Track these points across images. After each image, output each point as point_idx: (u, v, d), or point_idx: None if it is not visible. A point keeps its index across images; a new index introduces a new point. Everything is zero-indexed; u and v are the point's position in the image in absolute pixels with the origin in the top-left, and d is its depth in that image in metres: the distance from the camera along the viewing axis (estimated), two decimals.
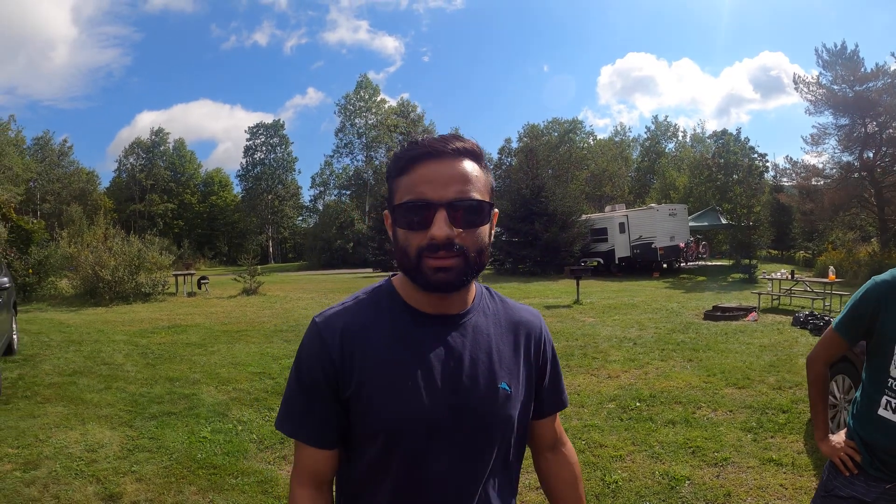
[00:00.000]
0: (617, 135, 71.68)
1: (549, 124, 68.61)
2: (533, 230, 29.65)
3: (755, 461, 4.94)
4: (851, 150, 28.20)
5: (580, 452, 5.20)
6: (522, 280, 24.89)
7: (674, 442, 5.41)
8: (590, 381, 7.64)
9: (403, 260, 1.23)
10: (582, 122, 70.46)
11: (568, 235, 29.68)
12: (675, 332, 11.05)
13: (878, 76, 27.34)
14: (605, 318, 13.11)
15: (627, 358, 8.87)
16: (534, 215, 30.24)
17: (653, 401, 6.68)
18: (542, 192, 31.20)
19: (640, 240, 28.14)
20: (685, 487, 4.51)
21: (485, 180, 1.25)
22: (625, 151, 68.12)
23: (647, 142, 69.74)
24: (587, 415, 6.29)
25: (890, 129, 27.19)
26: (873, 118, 27.21)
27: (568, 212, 31.01)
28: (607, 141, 69.05)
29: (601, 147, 66.72)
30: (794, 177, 32.04)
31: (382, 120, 67.91)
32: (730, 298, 16.63)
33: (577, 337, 10.68)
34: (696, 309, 14.28)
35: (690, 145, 66.19)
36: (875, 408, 2.12)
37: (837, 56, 28.46)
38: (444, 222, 1.16)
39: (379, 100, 69.49)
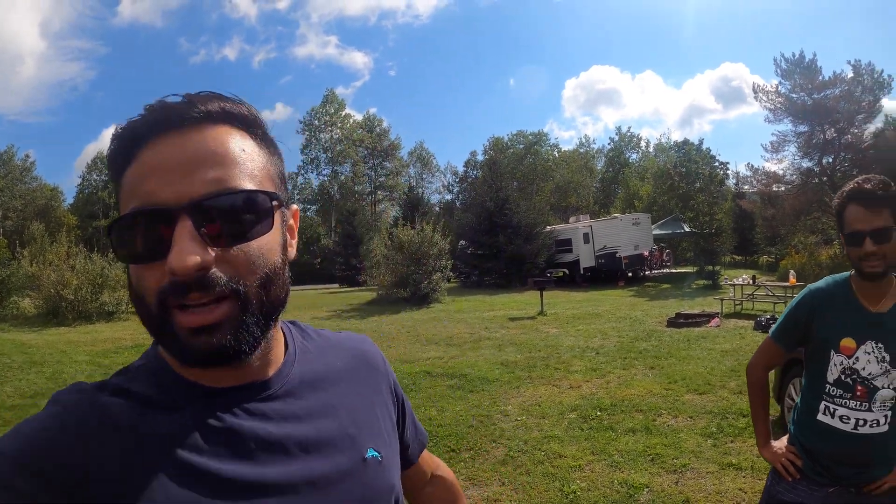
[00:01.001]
0: (582, 146, 72.32)
1: (513, 137, 69.13)
2: (497, 242, 29.68)
3: (714, 466, 4.94)
4: (811, 156, 29.00)
5: (539, 464, 5.16)
6: (488, 293, 24.86)
7: (633, 450, 5.39)
8: (551, 392, 7.60)
9: (141, 313, 0.75)
10: (547, 135, 71.17)
11: (532, 247, 29.78)
12: (638, 340, 11.07)
13: (835, 84, 28.14)
14: (569, 328, 13.12)
15: (589, 367, 8.85)
16: (498, 228, 30.29)
17: (614, 409, 6.66)
18: (506, 205, 31.28)
19: (605, 249, 28.32)
20: (644, 495, 4.50)
21: (262, 161, 0.81)
22: (589, 162, 68.67)
23: (612, 153, 70.47)
24: (548, 426, 6.24)
25: (848, 135, 28.02)
26: (831, 125, 28.02)
27: (532, 223, 31.14)
28: (572, 152, 69.63)
29: (566, 159, 67.28)
30: (756, 184, 32.98)
31: (348, 134, 67.74)
32: (693, 305, 16.75)
33: (541, 348, 10.63)
34: (659, 316, 14.35)
35: (654, 155, 67.04)
36: (814, 413, 2.17)
37: (796, 65, 29.22)
38: (188, 239, 0.69)
39: (344, 114, 69.48)
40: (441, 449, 5.63)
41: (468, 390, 7.84)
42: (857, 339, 2.05)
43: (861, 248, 1.95)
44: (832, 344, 2.09)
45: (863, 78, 28.17)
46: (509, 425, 6.31)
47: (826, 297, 2.14)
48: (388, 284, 21.15)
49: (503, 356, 9.96)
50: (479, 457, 5.45)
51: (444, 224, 24.90)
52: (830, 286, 2.17)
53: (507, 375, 8.55)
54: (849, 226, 2.00)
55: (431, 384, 8.26)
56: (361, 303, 21.90)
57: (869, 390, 2.03)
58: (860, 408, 2.05)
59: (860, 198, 1.98)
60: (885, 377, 2.01)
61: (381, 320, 16.26)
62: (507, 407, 7.01)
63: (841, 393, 2.08)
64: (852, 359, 2.05)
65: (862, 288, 2.09)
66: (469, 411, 6.86)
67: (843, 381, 2.07)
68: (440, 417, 6.65)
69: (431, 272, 20.86)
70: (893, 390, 2.03)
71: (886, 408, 2.04)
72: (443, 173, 71.93)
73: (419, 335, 12.88)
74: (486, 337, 12.15)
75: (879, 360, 2.02)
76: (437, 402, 7.30)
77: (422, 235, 21.09)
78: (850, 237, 2.00)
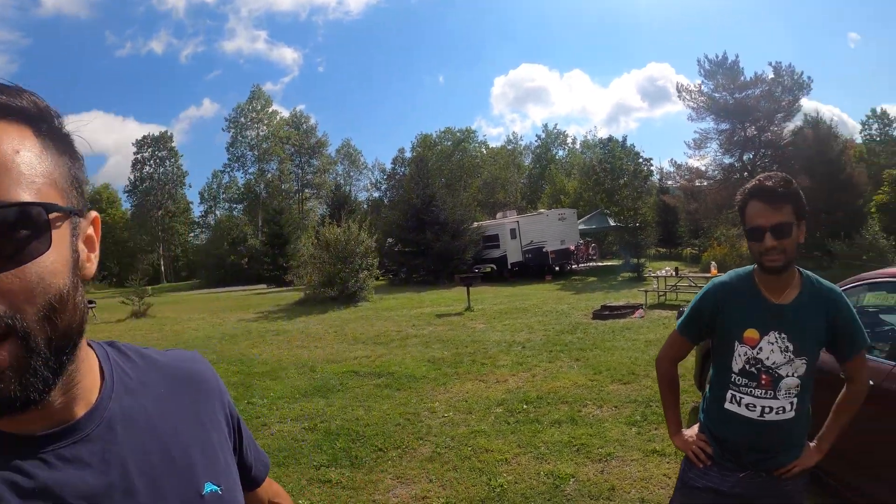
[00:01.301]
0: (509, 143, 73.17)
1: (442, 134, 69.23)
2: (425, 239, 29.58)
3: (639, 454, 4.99)
4: (732, 153, 30.37)
5: (467, 459, 5.11)
6: (416, 290, 24.75)
7: (559, 441, 5.40)
8: (478, 387, 7.57)
9: None
10: (475, 132, 71.55)
11: (460, 243, 29.81)
12: (564, 333, 11.17)
13: (756, 84, 29.59)
14: (496, 323, 13.14)
15: (516, 362, 8.86)
16: (425, 224, 30.19)
17: (540, 402, 6.66)
18: (432, 202, 31.21)
19: (532, 244, 28.61)
20: (570, 485, 4.49)
21: (46, 165, 0.66)
22: (517, 159, 69.48)
23: (539, 149, 71.44)
24: (474, 421, 6.20)
25: (768, 132, 29.50)
26: (752, 122, 29.44)
27: (459, 220, 31.18)
28: (500, 149, 70.25)
29: (494, 155, 67.80)
30: (679, 179, 34.27)
31: (275, 132, 66.47)
32: (618, 297, 17.06)
33: (467, 343, 10.61)
34: (585, 309, 14.54)
35: (581, 152, 68.29)
36: (721, 402, 2.23)
37: (719, 66, 30.54)
38: None
39: (271, 111, 68.12)
40: (368, 449, 5.52)
41: (395, 388, 7.75)
42: (761, 329, 2.10)
43: (762, 242, 2.01)
44: (736, 335, 2.15)
45: (783, 79, 29.64)
46: (436, 422, 6.24)
47: (730, 290, 2.20)
48: (315, 284, 20.80)
49: (430, 353, 9.89)
50: (407, 455, 5.36)
51: (371, 222, 24.68)
52: (734, 280, 2.23)
53: (434, 372, 8.49)
54: (750, 221, 2.05)
55: (359, 384, 8.13)
56: (289, 303, 21.49)
57: (773, 379, 2.09)
58: (765, 396, 2.11)
59: (761, 194, 2.03)
60: (788, 366, 2.08)
61: (308, 320, 15.96)
62: (434, 404, 6.94)
63: (746, 382, 2.14)
64: (756, 349, 2.11)
65: (764, 281, 2.14)
66: (396, 409, 6.76)
67: (748, 371, 2.13)
68: (367, 417, 6.53)
69: (358, 270, 20.59)
70: (798, 378, 2.10)
71: (791, 395, 2.11)
72: (371, 171, 71.62)
73: (346, 334, 12.69)
74: (413, 334, 12.05)
75: (783, 350, 2.08)
76: (364, 402, 7.17)
77: (348, 233, 20.80)
78: (751, 232, 2.05)
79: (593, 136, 71.60)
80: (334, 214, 28.62)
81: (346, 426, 6.22)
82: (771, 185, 2.02)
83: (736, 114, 29.41)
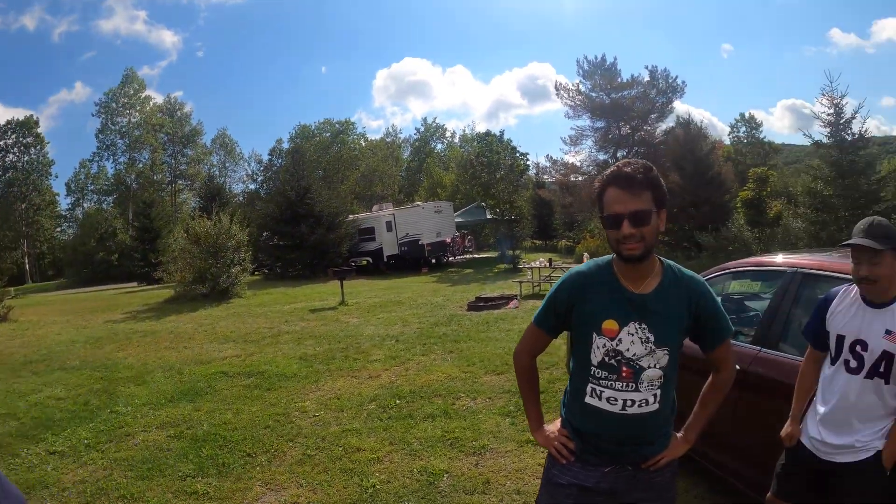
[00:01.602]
0: (388, 135, 72.70)
1: (321, 125, 67.87)
2: (300, 232, 28.92)
3: (513, 445, 4.97)
4: (606, 150, 31.86)
5: (338, 460, 4.92)
6: (291, 284, 24.12)
7: (432, 436, 5.31)
8: (350, 384, 7.36)
9: None
10: (354, 123, 70.63)
11: (335, 236, 29.38)
12: (439, 325, 11.14)
13: (632, 86, 31.33)
14: (370, 317, 12.95)
15: (389, 356, 8.72)
16: (300, 217, 29.51)
17: (413, 397, 6.56)
18: (308, 194, 30.53)
19: (408, 237, 28.59)
20: (444, 481, 4.41)
21: None
22: (396, 152, 69.21)
23: (418, 142, 71.51)
24: (346, 419, 6.01)
25: (641, 131, 31.20)
26: (627, 122, 31.15)
27: (335, 212, 30.73)
28: (379, 142, 69.68)
29: (372, 148, 67.20)
30: (555, 174, 35.47)
31: (147, 119, 61.96)
32: (494, 289, 17.31)
33: (340, 339, 10.35)
34: (460, 301, 14.61)
35: (459, 146, 68.86)
36: (582, 396, 2.14)
37: (597, 67, 31.99)
38: None
39: (144, 96, 63.20)
40: (236, 455, 5.18)
41: (265, 388, 7.39)
42: (620, 320, 2.02)
43: (619, 230, 1.92)
44: (594, 326, 2.05)
45: (658, 82, 31.43)
46: (307, 422, 5.99)
47: (587, 280, 2.11)
48: (186, 280, 19.75)
49: (302, 350, 9.56)
50: (276, 459, 5.08)
51: (244, 214, 23.81)
52: (592, 269, 2.13)
53: (305, 370, 8.19)
54: (608, 208, 1.97)
55: (228, 385, 7.69)
56: (159, 301, 20.15)
57: (635, 371, 2.02)
58: (627, 389, 2.03)
59: (619, 180, 1.94)
60: (650, 357, 2.01)
61: (178, 319, 15.07)
62: (306, 403, 6.66)
63: (606, 375, 2.06)
64: (615, 340, 2.02)
65: (624, 270, 2.06)
66: (266, 411, 6.43)
67: (608, 363, 2.04)
68: (236, 420, 6.16)
69: (230, 265, 19.78)
70: (660, 370, 2.03)
71: (654, 387, 2.04)
72: (247, 162, 68.84)
73: (217, 333, 12.07)
74: (285, 331, 11.65)
75: (643, 341, 2.01)
76: (232, 405, 6.77)
77: (219, 227, 19.91)
78: (608, 219, 1.97)
79: (472, 130, 72.47)
80: (206, 207, 27.40)
81: (213, 431, 5.82)
82: (629, 171, 1.93)
83: (611, 113, 30.84)
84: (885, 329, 2.47)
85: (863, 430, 2.52)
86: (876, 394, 2.50)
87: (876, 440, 2.49)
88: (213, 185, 40.65)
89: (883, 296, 2.52)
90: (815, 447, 2.67)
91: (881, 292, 2.51)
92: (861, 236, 2.50)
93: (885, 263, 2.46)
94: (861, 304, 2.59)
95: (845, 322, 2.62)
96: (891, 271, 2.48)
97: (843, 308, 2.66)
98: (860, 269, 2.52)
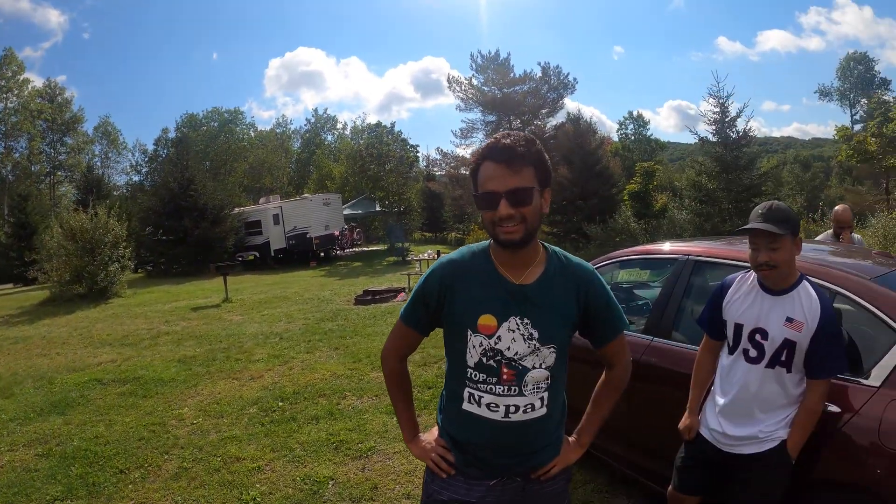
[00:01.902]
0: (279, 126, 70.97)
1: (209, 114, 65.30)
2: (183, 226, 27.72)
3: (401, 445, 4.80)
4: None
5: (216, 472, 4.64)
6: (175, 281, 23.03)
7: (317, 440, 5.13)
8: (231, 387, 7.01)
9: None
10: (243, 113, 68.33)
11: (220, 230, 28.36)
12: (325, 320, 10.89)
13: (525, 81, 32.47)
14: (254, 314, 12.49)
15: (272, 355, 8.41)
16: (183, 210, 28.28)
17: (296, 398, 6.33)
18: (191, 186, 29.30)
19: (295, 230, 28.07)
20: (329, 489, 4.25)
21: None
22: (286, 143, 67.65)
23: (308, 133, 70.12)
24: (226, 425, 5.69)
25: (532, 126, 32.14)
26: (518, 115, 31.79)
27: (220, 205, 29.69)
28: (268, 132, 67.91)
29: (262, 139, 65.34)
30: (445, 166, 35.76)
31: (25, 104, 56.61)
32: (382, 281, 17.19)
33: (222, 338, 9.88)
34: (347, 295, 14.38)
35: (350, 138, 68.00)
36: (459, 402, 1.90)
37: (490, 61, 32.73)
38: None
39: (22, 79, 57.38)
40: (108, 472, 4.75)
41: (141, 396, 6.88)
42: (498, 315, 1.78)
43: (496, 210, 1.67)
44: (469, 323, 1.80)
45: (550, 78, 32.33)
46: (184, 431, 5.62)
47: (460, 269, 1.86)
48: (63, 280, 18.36)
49: (181, 352, 9.04)
50: (151, 474, 4.70)
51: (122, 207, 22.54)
52: (466, 257, 1.89)
53: (184, 373, 7.72)
54: (483, 185, 1.72)
55: (101, 394, 7.09)
56: (34, 304, 18.60)
57: (517, 372, 1.79)
58: (509, 393, 1.81)
59: (497, 154, 1.69)
60: (534, 356, 1.79)
61: (53, 323, 13.91)
62: (183, 410, 6.26)
63: (485, 378, 1.82)
64: (494, 338, 1.79)
65: (502, 258, 1.83)
66: (141, 421, 5.98)
67: (486, 365, 1.81)
68: (108, 433, 5.67)
69: (108, 263, 18.60)
70: (546, 370, 1.82)
71: (541, 389, 1.83)
72: (131, 152, 65.06)
73: (93, 337, 11.21)
74: (164, 332, 11.02)
75: (526, 338, 1.78)
76: (105, 415, 6.24)
77: (95, 221, 18.68)
78: (483, 198, 1.72)
79: (363, 121, 71.77)
80: (84, 200, 25.74)
81: (84, 447, 5.32)
82: (509, 142, 1.68)
83: (503, 107, 31.62)
84: (786, 317, 2.42)
85: (766, 420, 2.48)
86: (778, 383, 2.46)
87: (780, 430, 2.46)
88: (91, 176, 38.40)
89: (782, 282, 2.47)
90: (717, 439, 2.62)
91: (780, 279, 2.47)
92: (760, 220, 2.44)
93: (785, 248, 2.41)
94: (759, 292, 2.54)
95: (743, 310, 2.57)
96: (790, 256, 2.44)
97: (739, 296, 2.61)
98: (759, 255, 2.46)
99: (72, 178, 59.00)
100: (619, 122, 69.23)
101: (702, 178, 19.44)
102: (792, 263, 2.47)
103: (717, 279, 2.94)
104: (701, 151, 20.94)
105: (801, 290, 2.46)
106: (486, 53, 32.94)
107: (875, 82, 63.64)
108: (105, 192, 34.53)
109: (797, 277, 2.50)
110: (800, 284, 2.47)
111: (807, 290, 2.45)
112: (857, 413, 2.42)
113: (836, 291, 2.71)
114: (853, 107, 64.31)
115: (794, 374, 2.45)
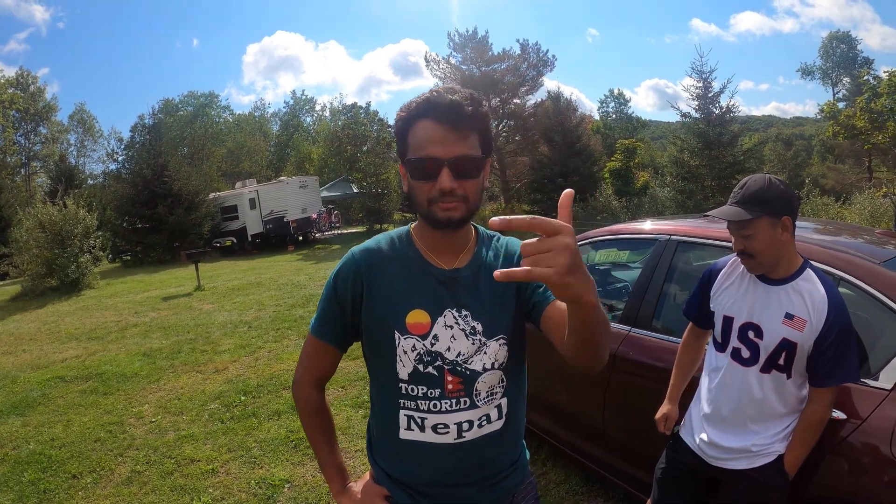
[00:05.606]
0: (257, 109, 70.06)
1: (184, 98, 64.05)
2: (157, 214, 27.20)
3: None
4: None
5: (169, 476, 4.40)
6: (150, 270, 22.61)
7: (275, 438, 4.89)
8: (194, 381, 6.75)
9: None
10: (218, 96, 67.08)
11: (196, 216, 27.86)
12: (296, 307, 10.62)
13: (503, 59, 32.39)
14: (225, 302, 12.18)
15: (239, 345, 8.15)
16: (157, 197, 27.71)
17: (260, 391, 6.10)
18: (165, 172, 28.69)
19: (272, 214, 27.68)
20: (284, 493, 4.03)
21: None
22: (264, 126, 66.80)
23: (286, 116, 69.24)
24: (185, 423, 5.45)
25: (511, 104, 32.03)
26: (497, 94, 31.59)
27: (195, 191, 29.08)
28: (247, 116, 66.88)
29: (240, 122, 64.39)
30: None
31: None
32: None
33: (189, 329, 9.58)
34: (322, 279, 14.07)
35: (329, 119, 67.22)
36: (395, 430, 1.50)
37: (469, 39, 32.54)
38: None
39: None
40: (61, 477, 4.50)
41: (102, 393, 6.58)
42: (431, 309, 1.43)
43: (435, 182, 1.32)
44: (395, 323, 1.44)
45: (529, 55, 32.09)
46: (141, 431, 5.36)
47: (376, 259, 1.49)
48: (34, 274, 17.87)
49: (147, 344, 8.74)
50: (103, 479, 4.44)
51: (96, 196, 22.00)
52: (383, 245, 1.52)
53: (147, 368, 7.43)
54: (418, 149, 1.35)
55: (63, 392, 6.76)
56: (5, 299, 18.08)
57: (465, 379, 1.43)
58: (459, 406, 1.44)
59: (439, 112, 1.33)
60: (481, 354, 1.43)
61: (23, 318, 13.44)
62: (143, 407, 5.99)
63: (425, 391, 1.43)
64: (428, 339, 1.42)
65: (431, 241, 1.49)
66: (99, 420, 5.70)
67: (424, 374, 1.43)
68: (65, 435, 5.38)
69: (78, 254, 18.14)
70: (499, 370, 1.46)
71: (496, 396, 1.48)
72: (107, 140, 63.78)
73: (60, 331, 10.81)
74: (133, 323, 10.69)
75: (469, 333, 1.43)
76: (64, 415, 5.93)
77: (64, 212, 18.19)
78: (418, 165, 1.35)
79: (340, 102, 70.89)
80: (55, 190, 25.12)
81: (39, 451, 5.04)
82: (457, 99, 1.33)
83: (482, 86, 31.31)
84: (785, 312, 2.02)
85: (760, 431, 2.11)
86: (775, 390, 2.08)
87: (776, 443, 2.09)
88: (64, 166, 37.43)
89: (776, 271, 2.08)
90: (702, 450, 2.26)
91: (769, 267, 2.08)
92: (729, 203, 2.06)
93: (762, 233, 2.00)
94: (752, 279, 2.15)
95: (733, 301, 2.18)
96: (772, 241, 2.01)
97: (730, 283, 2.22)
98: (734, 242, 2.09)
99: (46, 168, 57.75)
100: (600, 101, 68.93)
101: (684, 155, 19.35)
102: (783, 248, 2.03)
103: (703, 262, 2.60)
104: (683, 129, 20.82)
105: (805, 281, 2.04)
106: (464, 32, 32.66)
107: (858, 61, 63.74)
108: (78, 181, 33.77)
109: (800, 264, 2.08)
110: (803, 273, 2.06)
111: (812, 280, 2.03)
112: (866, 420, 2.07)
113: (839, 277, 2.32)
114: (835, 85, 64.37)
115: (795, 379, 2.07)
